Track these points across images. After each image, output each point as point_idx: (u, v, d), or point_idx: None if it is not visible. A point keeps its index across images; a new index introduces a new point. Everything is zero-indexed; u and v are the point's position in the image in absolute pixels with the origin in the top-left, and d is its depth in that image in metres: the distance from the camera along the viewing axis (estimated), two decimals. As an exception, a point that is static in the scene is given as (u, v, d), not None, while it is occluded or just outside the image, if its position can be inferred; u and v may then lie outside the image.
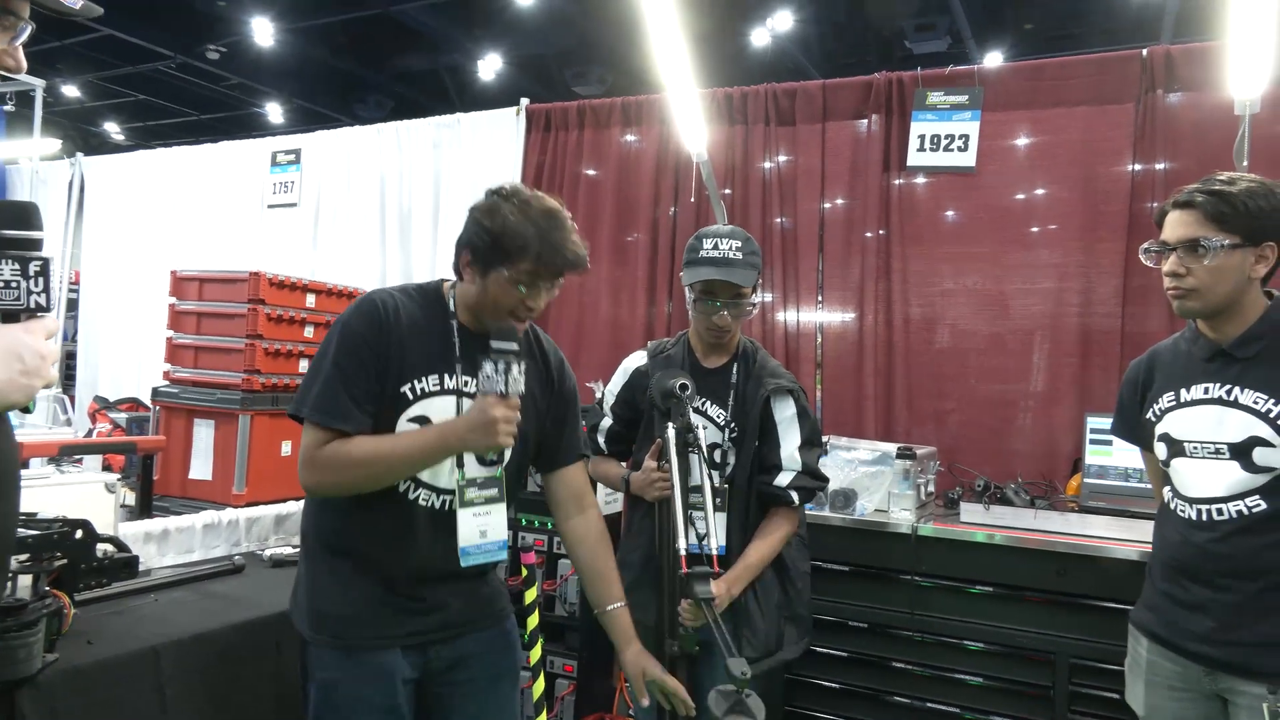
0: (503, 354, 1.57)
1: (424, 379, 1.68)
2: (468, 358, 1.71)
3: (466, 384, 1.71)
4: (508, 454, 1.74)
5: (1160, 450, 1.88)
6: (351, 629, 1.67)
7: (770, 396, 2.15)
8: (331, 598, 1.70)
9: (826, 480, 2.24)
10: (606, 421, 2.32)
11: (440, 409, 1.69)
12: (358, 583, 1.69)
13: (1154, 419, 1.89)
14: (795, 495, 2.12)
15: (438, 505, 1.70)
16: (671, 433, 1.95)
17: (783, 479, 2.12)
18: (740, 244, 2.12)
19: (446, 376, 1.70)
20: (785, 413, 2.17)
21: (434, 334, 1.71)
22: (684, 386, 1.99)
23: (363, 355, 1.63)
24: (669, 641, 1.93)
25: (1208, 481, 1.77)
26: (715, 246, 2.11)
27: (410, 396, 1.67)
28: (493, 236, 1.63)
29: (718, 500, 2.06)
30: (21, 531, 1.78)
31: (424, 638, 1.71)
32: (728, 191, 3.93)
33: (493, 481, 1.71)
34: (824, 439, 3.04)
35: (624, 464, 2.33)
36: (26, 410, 1.17)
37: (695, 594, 1.71)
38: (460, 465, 1.69)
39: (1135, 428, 1.99)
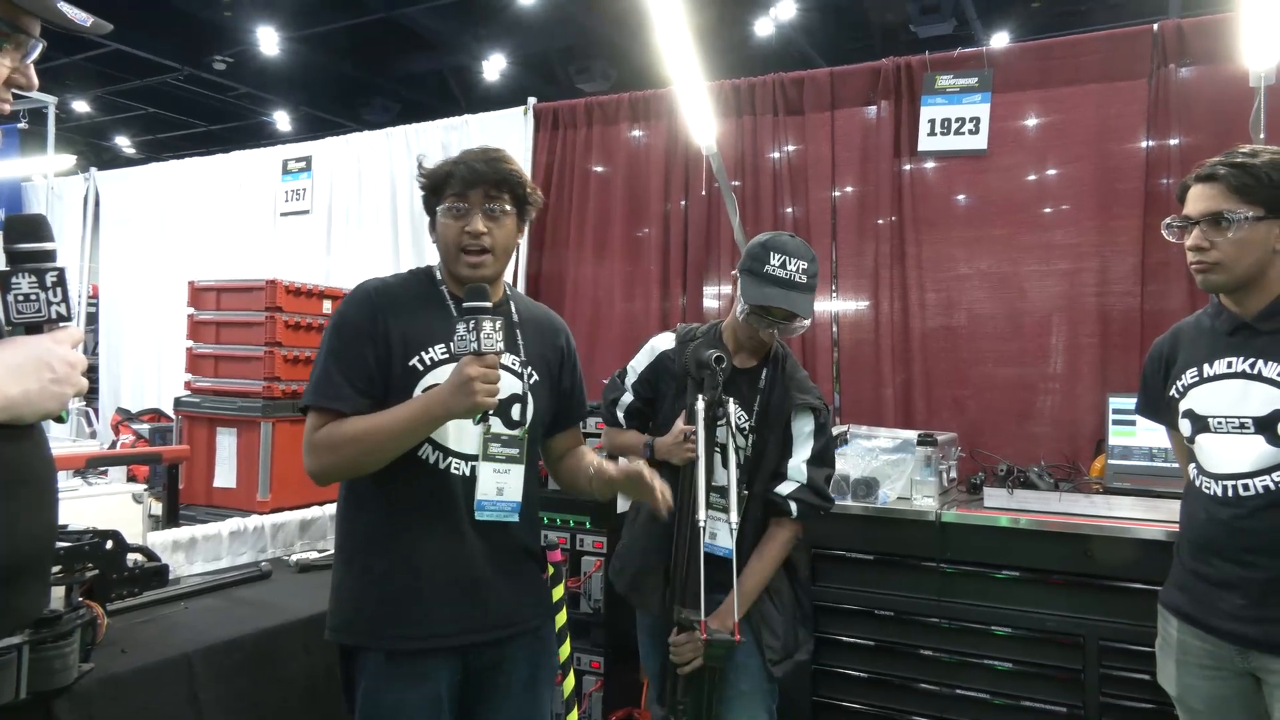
0: (473, 313, 1.55)
1: (430, 349, 1.69)
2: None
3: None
4: (529, 415, 1.75)
5: (1185, 427, 1.86)
6: (390, 628, 1.64)
7: (792, 412, 2.17)
8: (368, 598, 1.67)
9: (831, 502, 2.22)
10: (627, 397, 2.32)
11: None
12: (394, 580, 1.66)
13: (1178, 395, 1.88)
14: (794, 506, 2.11)
15: (469, 474, 1.69)
16: (701, 405, 1.97)
17: (784, 488, 2.13)
18: (807, 265, 2.08)
19: (452, 344, 1.66)
20: (803, 428, 2.17)
21: (429, 307, 1.74)
22: (719, 359, 2.01)
23: (353, 339, 1.66)
24: (677, 608, 2.02)
25: (1233, 457, 1.75)
26: (784, 265, 2.06)
27: (420, 368, 1.67)
28: (425, 180, 1.75)
29: (743, 493, 2.08)
30: (53, 543, 1.80)
31: (463, 639, 1.68)
32: (738, 183, 3.92)
33: (515, 442, 1.72)
34: (844, 429, 3.04)
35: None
36: (60, 420, 1.18)
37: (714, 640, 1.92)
38: (485, 420, 1.68)
39: (1160, 406, 1.97)
